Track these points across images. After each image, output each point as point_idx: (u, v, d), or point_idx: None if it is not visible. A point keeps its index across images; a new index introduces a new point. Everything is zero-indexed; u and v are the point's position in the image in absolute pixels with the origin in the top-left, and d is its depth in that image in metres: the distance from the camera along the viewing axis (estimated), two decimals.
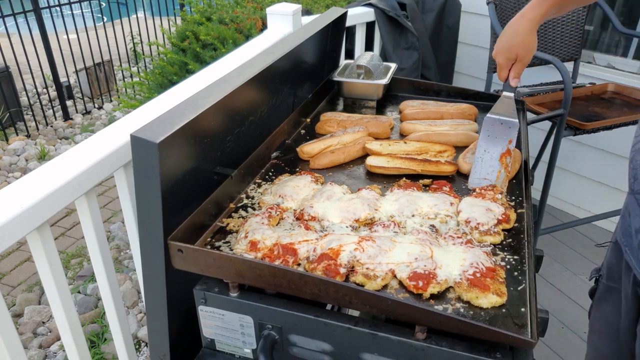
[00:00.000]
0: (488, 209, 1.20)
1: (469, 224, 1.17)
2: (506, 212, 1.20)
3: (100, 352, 2.66)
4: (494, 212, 1.19)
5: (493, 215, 1.18)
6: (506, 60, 1.39)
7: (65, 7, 5.67)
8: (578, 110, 2.60)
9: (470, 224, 1.17)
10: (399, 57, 3.05)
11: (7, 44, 5.03)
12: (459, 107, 1.76)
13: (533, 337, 0.87)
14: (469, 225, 1.17)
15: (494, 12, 2.70)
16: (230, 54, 1.96)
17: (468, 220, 1.18)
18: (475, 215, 1.18)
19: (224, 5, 3.32)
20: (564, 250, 3.24)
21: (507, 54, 1.38)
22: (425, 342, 0.93)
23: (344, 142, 1.54)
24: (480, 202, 1.24)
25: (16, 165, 4.73)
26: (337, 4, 3.32)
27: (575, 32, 2.90)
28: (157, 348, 1.16)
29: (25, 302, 3.01)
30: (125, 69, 4.64)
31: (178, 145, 0.99)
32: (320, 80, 1.91)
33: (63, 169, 1.22)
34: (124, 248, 3.50)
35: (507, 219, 1.19)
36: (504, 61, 1.39)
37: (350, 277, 1.03)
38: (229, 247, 1.13)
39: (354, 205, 1.22)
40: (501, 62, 1.40)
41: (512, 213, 1.22)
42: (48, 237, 1.20)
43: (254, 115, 1.34)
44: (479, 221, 1.16)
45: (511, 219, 1.20)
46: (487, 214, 1.18)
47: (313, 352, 1.04)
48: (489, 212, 1.19)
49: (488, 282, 0.97)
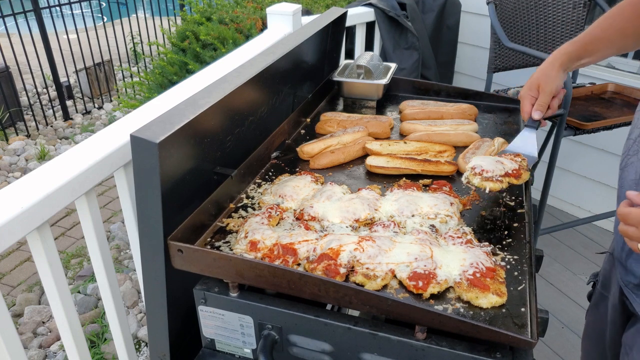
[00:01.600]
0: (499, 162, 1.17)
1: (474, 170, 1.15)
2: (519, 170, 1.17)
3: (100, 352, 2.66)
4: (505, 165, 1.17)
5: (503, 167, 1.16)
6: (527, 92, 1.38)
7: (65, 7, 5.67)
8: (578, 110, 2.60)
9: (475, 170, 1.15)
10: (399, 57, 3.05)
11: (7, 44, 5.03)
12: (459, 107, 1.75)
13: (533, 337, 0.87)
14: (474, 170, 1.15)
15: (494, 12, 2.70)
16: (230, 54, 1.96)
17: (474, 167, 1.16)
18: (483, 164, 1.15)
19: (224, 5, 3.32)
20: (564, 250, 3.24)
21: (529, 87, 1.38)
22: (425, 342, 0.93)
23: (344, 142, 1.54)
24: (495, 158, 1.22)
25: (16, 165, 4.73)
26: (337, 4, 3.32)
27: (575, 32, 2.90)
28: (157, 348, 1.16)
29: (25, 302, 3.01)
30: (125, 69, 4.64)
31: (178, 145, 0.99)
32: (320, 80, 1.91)
33: (63, 169, 1.22)
34: (124, 248, 3.50)
35: (517, 175, 1.15)
36: (526, 93, 1.38)
37: (350, 277, 1.03)
38: (229, 247, 1.13)
39: (354, 205, 1.22)
40: (523, 95, 1.39)
41: (526, 173, 1.19)
42: (48, 237, 1.20)
43: (254, 115, 1.34)
44: (484, 168, 1.13)
45: (522, 177, 1.16)
46: (496, 164, 1.16)
47: (313, 352, 1.04)
48: (499, 164, 1.16)
49: (488, 282, 0.97)
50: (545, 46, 2.93)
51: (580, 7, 2.84)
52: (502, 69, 2.88)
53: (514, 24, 2.86)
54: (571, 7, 2.85)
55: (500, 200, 1.30)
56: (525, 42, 2.91)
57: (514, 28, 2.87)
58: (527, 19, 2.88)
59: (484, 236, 1.17)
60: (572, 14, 2.87)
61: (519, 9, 2.85)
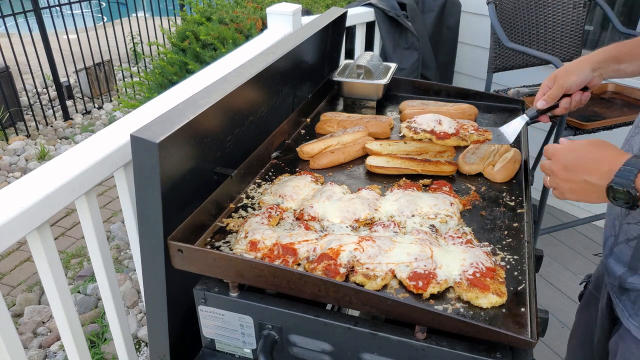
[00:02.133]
0: (438, 121, 1.39)
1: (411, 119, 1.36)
2: (453, 134, 1.35)
3: (100, 352, 2.66)
4: (442, 126, 1.37)
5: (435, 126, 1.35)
6: (546, 82, 1.31)
7: (65, 7, 5.67)
8: (578, 110, 2.59)
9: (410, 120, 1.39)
10: (399, 57, 3.05)
11: (7, 44, 5.02)
12: (459, 107, 1.75)
13: (533, 337, 0.87)
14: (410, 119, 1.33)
15: (494, 12, 2.70)
16: (230, 54, 1.96)
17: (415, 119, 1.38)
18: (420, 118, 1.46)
19: (224, 5, 3.32)
20: (564, 250, 3.24)
21: (550, 77, 1.31)
22: (425, 342, 0.93)
23: (344, 142, 1.54)
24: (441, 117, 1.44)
25: (16, 165, 4.73)
26: (337, 4, 3.32)
27: (575, 32, 2.90)
28: (157, 348, 1.16)
29: (25, 302, 3.01)
30: (125, 69, 4.64)
31: (178, 145, 0.99)
32: (320, 80, 1.91)
33: (63, 169, 1.22)
34: (124, 248, 3.50)
35: (443, 137, 1.36)
36: (544, 83, 1.32)
37: (350, 277, 1.03)
38: (229, 247, 1.13)
39: (354, 205, 1.22)
40: (542, 84, 1.33)
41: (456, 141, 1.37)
42: (48, 237, 1.20)
43: (254, 115, 1.34)
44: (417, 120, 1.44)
45: (448, 142, 1.37)
46: (432, 121, 1.40)
47: (313, 352, 1.04)
48: (436, 123, 1.38)
49: (488, 282, 0.97)
50: (545, 46, 2.93)
51: (580, 7, 2.84)
52: (502, 69, 2.88)
53: (514, 24, 2.86)
54: (571, 7, 2.85)
55: (500, 200, 1.30)
56: (525, 42, 2.91)
57: (514, 28, 2.87)
58: (527, 19, 2.88)
59: (484, 236, 1.17)
60: (572, 14, 2.87)
61: (519, 9, 2.85)
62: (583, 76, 1.24)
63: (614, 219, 1.10)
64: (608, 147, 0.93)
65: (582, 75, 1.24)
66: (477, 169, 1.41)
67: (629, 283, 1.06)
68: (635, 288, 1.05)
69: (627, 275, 1.06)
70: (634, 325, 1.05)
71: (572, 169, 0.94)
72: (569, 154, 0.95)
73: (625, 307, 1.08)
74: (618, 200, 0.87)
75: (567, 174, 0.95)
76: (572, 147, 0.96)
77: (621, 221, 1.06)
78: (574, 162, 0.94)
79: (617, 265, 1.09)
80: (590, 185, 0.91)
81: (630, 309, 1.07)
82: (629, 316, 1.07)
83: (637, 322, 1.05)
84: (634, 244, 1.03)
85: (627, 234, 1.05)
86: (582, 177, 0.92)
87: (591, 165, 0.91)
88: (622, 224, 1.06)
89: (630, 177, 0.84)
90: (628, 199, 0.85)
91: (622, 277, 1.07)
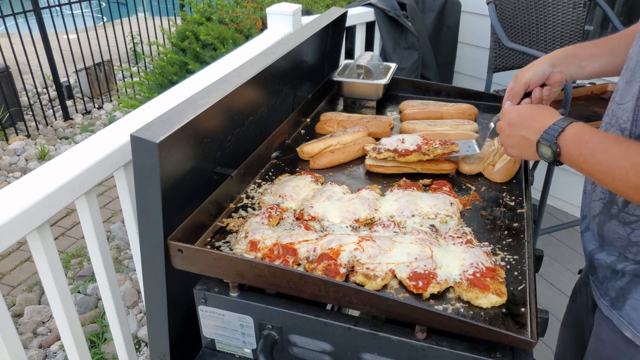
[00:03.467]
0: (400, 140, 1.42)
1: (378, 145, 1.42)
2: (414, 150, 1.38)
3: (100, 352, 2.66)
4: (405, 144, 1.40)
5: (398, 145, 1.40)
6: (510, 83, 1.28)
7: (65, 7, 5.67)
8: (578, 110, 2.60)
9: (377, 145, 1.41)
10: (399, 57, 3.05)
11: (7, 44, 5.02)
12: (459, 107, 1.75)
13: (533, 337, 0.87)
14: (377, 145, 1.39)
15: (494, 12, 2.70)
16: (230, 54, 1.96)
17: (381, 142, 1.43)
18: (386, 140, 1.45)
19: (224, 5, 3.32)
20: (564, 250, 3.24)
21: (512, 79, 1.28)
22: (425, 342, 0.93)
23: (343, 142, 1.54)
24: (405, 136, 1.46)
25: (16, 165, 4.73)
26: (337, 4, 3.32)
27: (575, 32, 2.90)
28: (157, 348, 1.16)
29: (25, 302, 3.01)
30: (125, 69, 4.64)
31: (178, 145, 0.99)
32: (320, 80, 1.91)
33: (63, 169, 1.22)
34: (124, 248, 3.50)
35: (403, 154, 1.37)
36: (509, 85, 1.29)
37: (350, 277, 1.03)
38: (229, 247, 1.13)
39: (354, 205, 1.22)
40: (508, 87, 1.30)
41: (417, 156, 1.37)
42: (48, 237, 1.20)
43: (254, 115, 1.34)
44: (382, 143, 1.43)
45: (410, 158, 1.37)
46: (395, 141, 1.41)
47: (313, 352, 1.04)
48: (399, 142, 1.41)
49: (488, 282, 0.97)
50: (545, 46, 2.93)
51: (580, 7, 2.84)
52: (502, 69, 2.88)
53: (514, 24, 2.86)
54: (571, 7, 2.85)
55: (500, 200, 1.30)
56: (525, 42, 2.91)
57: (514, 28, 2.87)
58: (527, 19, 2.88)
59: (484, 236, 1.17)
60: (572, 14, 2.87)
61: (519, 9, 2.85)
62: (541, 70, 1.23)
63: (585, 197, 1.14)
64: (548, 109, 1.03)
65: (540, 70, 1.23)
66: (477, 169, 1.41)
67: (597, 260, 1.09)
68: (601, 265, 1.08)
69: (596, 251, 1.09)
70: (604, 305, 1.08)
71: (514, 125, 1.07)
72: (513, 111, 1.09)
73: (597, 287, 1.11)
74: (544, 155, 1.00)
75: (509, 129, 1.08)
76: (517, 108, 1.10)
77: (590, 198, 1.10)
78: (516, 119, 1.07)
79: (588, 242, 1.13)
80: (526, 140, 1.03)
81: (600, 288, 1.09)
82: (600, 296, 1.09)
83: (607, 301, 1.07)
84: (597, 220, 1.07)
85: (593, 210, 1.09)
86: (519, 133, 1.05)
87: (528, 123, 1.03)
88: (590, 202, 1.10)
89: (554, 134, 0.96)
90: (551, 154, 0.97)
91: (592, 253, 1.11)
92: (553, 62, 1.23)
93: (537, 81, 1.24)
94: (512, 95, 1.27)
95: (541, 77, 1.23)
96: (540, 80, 1.24)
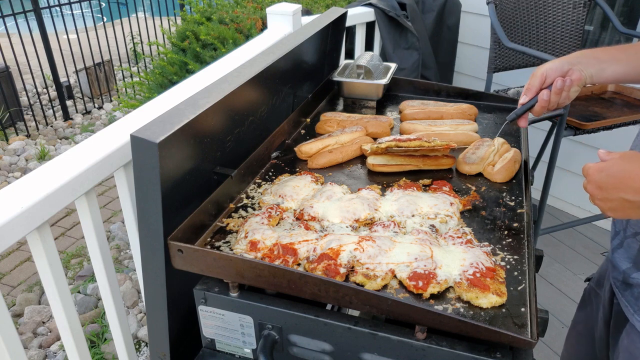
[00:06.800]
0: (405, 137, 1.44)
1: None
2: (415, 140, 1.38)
3: (100, 352, 2.66)
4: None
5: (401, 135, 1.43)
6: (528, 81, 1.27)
7: (65, 7, 5.67)
8: (578, 110, 2.60)
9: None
10: (399, 57, 3.05)
11: (7, 44, 5.03)
12: (459, 107, 1.75)
13: (533, 337, 0.87)
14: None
15: (494, 12, 2.70)
16: (230, 54, 1.96)
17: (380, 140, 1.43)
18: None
19: (224, 5, 3.32)
20: (564, 250, 3.24)
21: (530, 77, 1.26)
22: (425, 342, 0.93)
23: (341, 141, 1.54)
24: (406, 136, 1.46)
25: (16, 165, 4.73)
26: (337, 4, 3.32)
27: (575, 32, 2.90)
28: (157, 348, 1.16)
29: (25, 302, 3.01)
30: (125, 69, 4.64)
31: (178, 145, 0.99)
32: (320, 80, 1.91)
33: (63, 169, 1.22)
34: (124, 248, 3.50)
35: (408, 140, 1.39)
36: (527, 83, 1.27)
37: (350, 277, 1.03)
38: (229, 247, 1.13)
39: (354, 205, 1.22)
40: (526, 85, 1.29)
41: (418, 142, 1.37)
42: (48, 237, 1.20)
43: (254, 115, 1.34)
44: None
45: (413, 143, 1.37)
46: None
47: (313, 352, 1.04)
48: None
49: (488, 282, 0.97)
50: (545, 46, 2.93)
51: (580, 7, 2.84)
52: (502, 69, 2.88)
53: (514, 24, 2.86)
54: (571, 7, 2.85)
55: (500, 200, 1.30)
56: (525, 42, 2.91)
57: (514, 28, 2.87)
58: (527, 19, 2.88)
59: (484, 236, 1.17)
60: (572, 14, 2.87)
61: (519, 9, 2.85)
62: (559, 65, 1.20)
63: None
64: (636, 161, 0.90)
65: (558, 64, 1.20)
66: (477, 169, 1.42)
67: (633, 278, 1.07)
68: (638, 284, 1.06)
69: (632, 270, 1.07)
70: (638, 321, 1.06)
71: (606, 188, 0.91)
72: (599, 173, 0.93)
73: (629, 303, 1.09)
74: None
75: (602, 193, 0.93)
76: (601, 167, 0.93)
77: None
78: (606, 181, 0.91)
79: (622, 260, 1.10)
80: (628, 202, 0.89)
81: (634, 305, 1.08)
82: (634, 312, 1.07)
83: None
84: (638, 238, 1.04)
85: (634, 227, 1.06)
86: (617, 195, 0.90)
87: (625, 183, 0.89)
88: (631, 220, 1.07)
89: None
90: None
91: (627, 272, 1.08)
92: (572, 60, 1.20)
93: (554, 75, 1.20)
94: (527, 88, 1.23)
95: (559, 71, 1.20)
96: (557, 74, 1.21)
